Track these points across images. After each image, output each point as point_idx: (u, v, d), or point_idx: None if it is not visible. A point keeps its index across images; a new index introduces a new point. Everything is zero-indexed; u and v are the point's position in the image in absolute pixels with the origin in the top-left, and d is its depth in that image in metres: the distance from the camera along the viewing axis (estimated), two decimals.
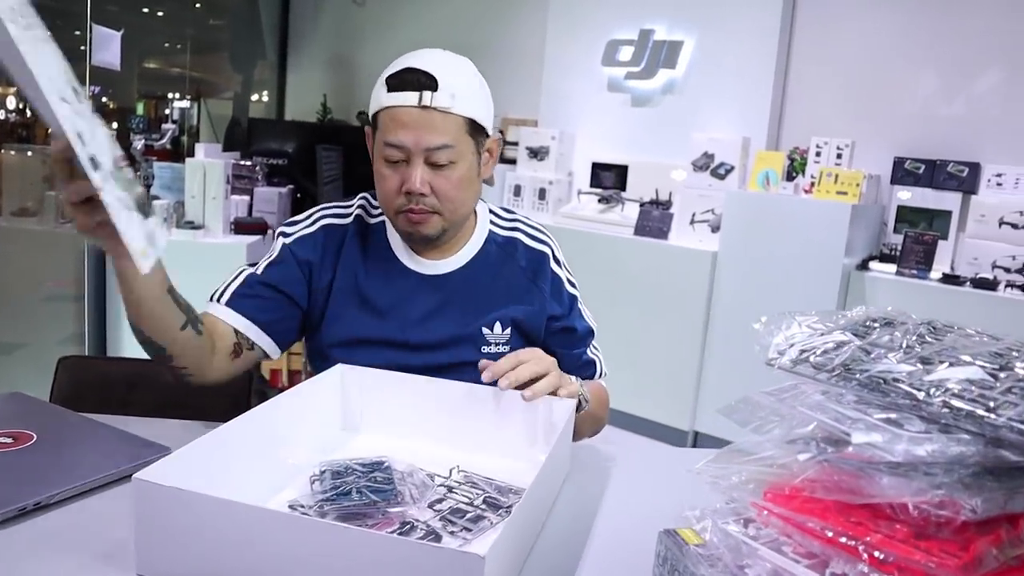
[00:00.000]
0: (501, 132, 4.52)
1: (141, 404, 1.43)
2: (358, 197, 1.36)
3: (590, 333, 1.39)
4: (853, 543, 0.56)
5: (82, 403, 1.26)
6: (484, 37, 4.76)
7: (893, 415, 0.59)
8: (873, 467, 0.55)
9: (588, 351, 1.38)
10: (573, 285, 1.39)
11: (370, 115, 1.22)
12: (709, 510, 0.66)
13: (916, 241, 3.29)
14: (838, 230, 3.26)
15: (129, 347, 3.20)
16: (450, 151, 1.16)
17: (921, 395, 0.56)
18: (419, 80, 1.14)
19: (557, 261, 1.37)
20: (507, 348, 1.28)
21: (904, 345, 0.66)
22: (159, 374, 1.29)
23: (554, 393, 1.10)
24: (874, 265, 3.40)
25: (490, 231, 1.34)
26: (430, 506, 0.92)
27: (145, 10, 5.45)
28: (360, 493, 0.90)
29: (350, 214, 1.33)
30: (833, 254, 3.27)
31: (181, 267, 1.29)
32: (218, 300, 1.25)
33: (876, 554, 0.55)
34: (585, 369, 1.37)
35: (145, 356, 1.14)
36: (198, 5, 5.89)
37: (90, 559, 0.80)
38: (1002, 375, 0.59)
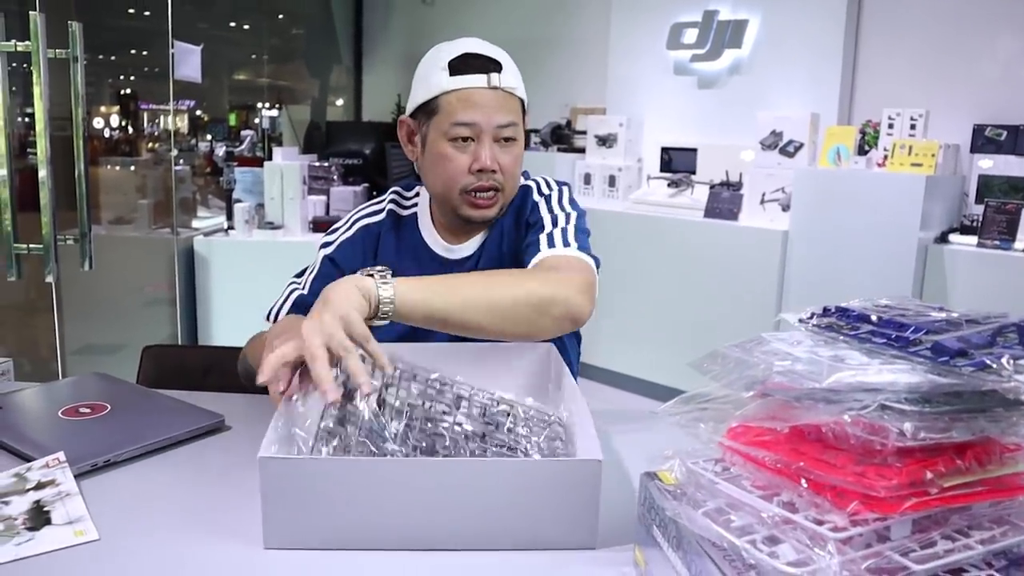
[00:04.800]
0: (567, 122, 4.56)
1: (214, 387, 1.56)
2: (389, 192, 1.42)
3: (540, 226, 1.27)
4: (793, 469, 0.60)
5: (162, 386, 1.38)
6: (550, 29, 4.81)
7: (840, 353, 0.63)
8: (808, 396, 0.59)
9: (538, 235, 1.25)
10: (542, 194, 1.33)
11: (420, 102, 1.25)
12: (682, 451, 0.71)
13: (998, 211, 3.17)
14: (913, 203, 3.17)
15: (211, 341, 3.41)
16: (514, 128, 1.25)
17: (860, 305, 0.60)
18: (485, 64, 1.22)
19: (540, 192, 1.33)
20: None
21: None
22: (230, 360, 1.42)
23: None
24: (954, 238, 3.29)
25: None
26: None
27: (232, 24, 5.74)
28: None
29: (383, 210, 1.39)
30: (908, 228, 3.19)
31: (262, 265, 1.39)
32: (274, 321, 1.34)
33: (813, 478, 0.58)
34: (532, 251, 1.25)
35: (217, 344, 1.25)
36: (280, 16, 6.16)
37: (150, 511, 0.90)
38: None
